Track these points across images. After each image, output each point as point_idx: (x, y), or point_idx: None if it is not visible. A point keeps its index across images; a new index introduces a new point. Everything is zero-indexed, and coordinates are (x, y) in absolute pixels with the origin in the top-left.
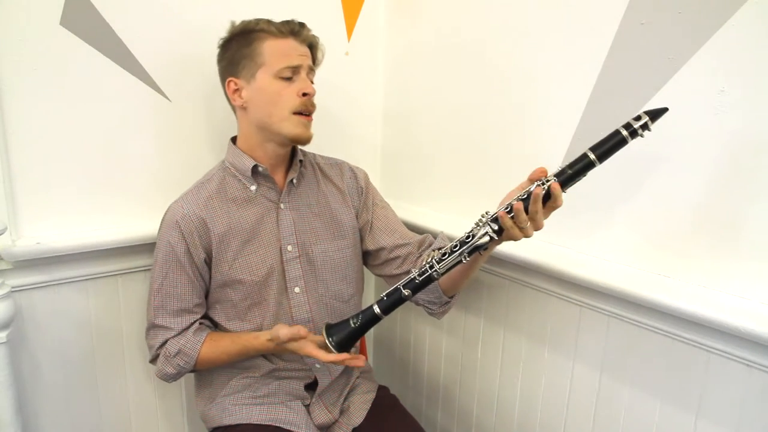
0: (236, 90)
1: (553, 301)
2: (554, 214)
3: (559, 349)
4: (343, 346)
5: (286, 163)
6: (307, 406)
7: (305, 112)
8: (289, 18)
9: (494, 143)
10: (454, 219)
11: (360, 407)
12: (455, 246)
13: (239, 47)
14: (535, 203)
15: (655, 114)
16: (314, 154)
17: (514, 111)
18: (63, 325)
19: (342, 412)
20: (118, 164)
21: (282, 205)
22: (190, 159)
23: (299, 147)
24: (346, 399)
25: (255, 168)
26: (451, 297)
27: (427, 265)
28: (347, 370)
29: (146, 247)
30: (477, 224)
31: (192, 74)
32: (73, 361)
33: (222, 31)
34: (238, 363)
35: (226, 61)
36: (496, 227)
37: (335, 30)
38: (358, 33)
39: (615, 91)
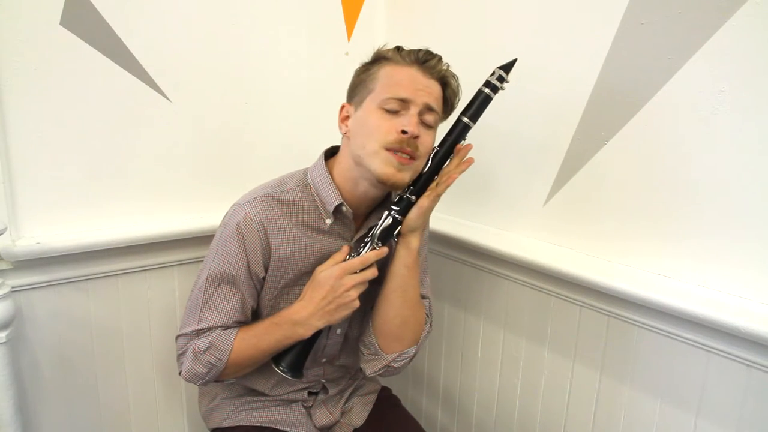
0: (346, 117)
1: (553, 301)
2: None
3: (559, 349)
4: None
5: (375, 205)
6: (308, 408)
7: (399, 150)
8: (422, 49)
9: (492, 143)
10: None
11: (362, 408)
12: (366, 239)
13: (361, 73)
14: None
15: (507, 66)
16: None
17: (514, 110)
18: (63, 325)
19: (343, 413)
20: (118, 164)
21: (353, 244)
22: (189, 159)
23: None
24: (348, 400)
25: (339, 206)
26: (389, 354)
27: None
28: (354, 375)
29: (146, 247)
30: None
31: (192, 74)
32: (73, 361)
33: (222, 31)
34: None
35: (349, 87)
36: (398, 208)
37: (335, 30)
38: (358, 33)
39: (615, 91)
